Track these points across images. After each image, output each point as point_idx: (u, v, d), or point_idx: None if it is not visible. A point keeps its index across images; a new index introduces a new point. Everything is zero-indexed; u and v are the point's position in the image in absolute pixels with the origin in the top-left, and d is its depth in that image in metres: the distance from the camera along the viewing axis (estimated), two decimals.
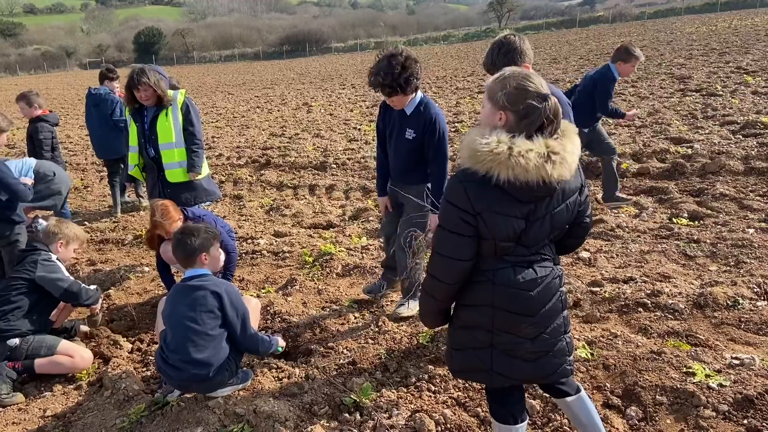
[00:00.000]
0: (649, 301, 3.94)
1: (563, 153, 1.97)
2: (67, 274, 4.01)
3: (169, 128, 4.86)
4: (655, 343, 3.46)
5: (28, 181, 4.88)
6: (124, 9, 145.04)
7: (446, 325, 2.41)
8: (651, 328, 3.65)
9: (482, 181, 1.99)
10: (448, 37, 70.35)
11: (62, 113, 21.30)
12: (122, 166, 7.49)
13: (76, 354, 3.79)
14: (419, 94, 3.64)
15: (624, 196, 6.35)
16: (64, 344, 3.81)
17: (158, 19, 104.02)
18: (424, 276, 2.29)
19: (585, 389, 2.51)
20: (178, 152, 4.91)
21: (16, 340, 3.65)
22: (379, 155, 4.10)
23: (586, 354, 3.35)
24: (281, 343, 3.53)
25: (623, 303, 3.98)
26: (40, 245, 4.00)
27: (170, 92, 4.92)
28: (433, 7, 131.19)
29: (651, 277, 4.39)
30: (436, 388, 3.19)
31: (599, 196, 6.51)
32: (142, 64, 4.90)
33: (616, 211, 6.02)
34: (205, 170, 5.18)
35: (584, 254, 4.93)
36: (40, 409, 3.47)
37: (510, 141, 1.94)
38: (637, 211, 6.01)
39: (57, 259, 4.02)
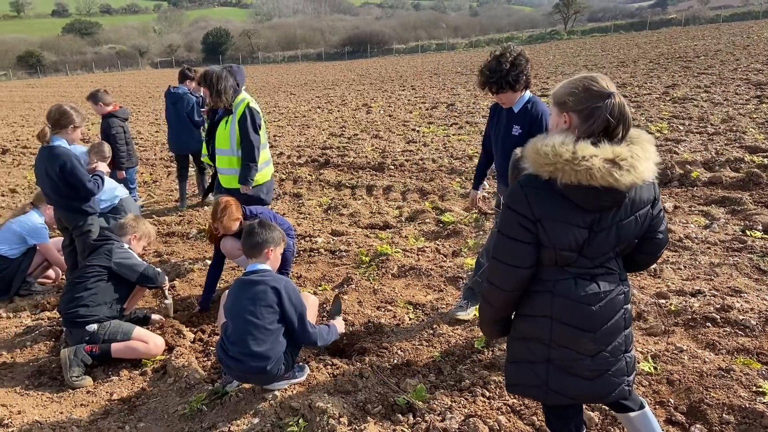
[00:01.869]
0: (718, 316, 3.77)
1: (632, 160, 1.88)
2: (140, 260, 4.20)
3: (226, 135, 4.92)
4: (723, 360, 3.31)
5: (103, 167, 5.08)
6: (194, 10, 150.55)
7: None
8: (719, 344, 3.49)
9: (544, 187, 1.94)
10: (511, 38, 69.23)
11: (134, 110, 22.31)
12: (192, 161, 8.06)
13: (150, 340, 3.97)
14: (528, 93, 3.64)
15: None
16: (138, 330, 3.99)
17: (226, 20, 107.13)
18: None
19: (648, 404, 2.43)
20: (230, 160, 4.97)
21: (94, 326, 3.85)
22: (480, 156, 4.16)
23: (650, 368, 3.24)
24: (341, 329, 3.72)
25: (690, 317, 3.82)
26: (114, 236, 4.21)
27: (239, 98, 4.89)
28: (497, 9, 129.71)
29: (721, 291, 4.20)
30: (491, 394, 3.16)
31: (667, 204, 6.26)
32: (222, 65, 4.92)
33: (685, 221, 5.78)
34: (263, 178, 5.11)
35: None
36: (107, 392, 3.65)
37: (573, 144, 1.89)
38: (707, 221, 5.76)
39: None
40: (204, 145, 6.26)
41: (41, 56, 74.04)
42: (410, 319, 4.20)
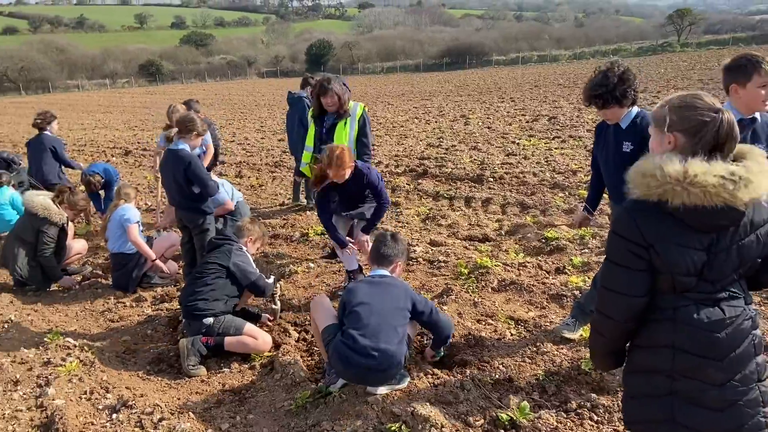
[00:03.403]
0: None
1: (747, 175, 1.78)
2: (255, 267, 4.43)
3: (345, 136, 5.31)
4: None
5: (215, 177, 5.48)
6: (300, 23, 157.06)
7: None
8: None
9: (654, 210, 1.86)
10: (618, 51, 66.70)
11: (240, 117, 23.55)
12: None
13: (259, 336, 4.17)
14: (635, 108, 3.53)
15: None
16: (249, 326, 4.21)
17: (329, 32, 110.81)
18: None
19: None
20: None
21: (211, 319, 4.10)
22: (592, 176, 4.09)
23: None
24: None
25: None
26: (233, 236, 4.47)
27: (351, 104, 5.36)
28: (605, 20, 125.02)
29: None
30: (599, 418, 3.04)
31: None
32: (330, 74, 5.38)
33: None
34: None
35: None
36: (219, 383, 3.86)
37: (683, 164, 1.80)
38: None
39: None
40: (306, 153, 5.78)
41: (160, 65, 79.85)
42: (512, 334, 4.13)
